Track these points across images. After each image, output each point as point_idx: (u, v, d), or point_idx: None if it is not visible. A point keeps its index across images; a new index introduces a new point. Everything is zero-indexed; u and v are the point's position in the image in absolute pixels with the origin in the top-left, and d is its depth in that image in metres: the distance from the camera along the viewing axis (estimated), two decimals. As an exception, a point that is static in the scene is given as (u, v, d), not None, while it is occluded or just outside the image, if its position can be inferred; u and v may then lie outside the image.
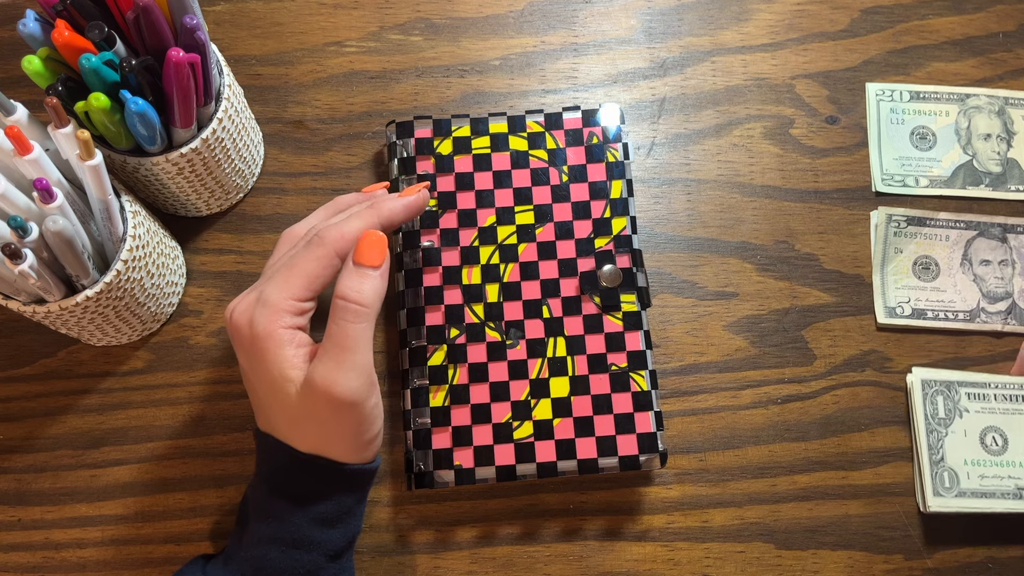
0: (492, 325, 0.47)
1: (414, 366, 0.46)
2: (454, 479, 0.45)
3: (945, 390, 0.48)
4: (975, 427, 0.48)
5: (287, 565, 0.37)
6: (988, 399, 0.48)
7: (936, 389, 0.48)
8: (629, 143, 0.50)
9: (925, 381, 0.49)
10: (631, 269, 0.48)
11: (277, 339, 0.37)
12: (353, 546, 0.40)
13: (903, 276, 0.51)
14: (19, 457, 0.47)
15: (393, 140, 0.50)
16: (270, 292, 0.37)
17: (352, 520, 0.39)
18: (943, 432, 0.47)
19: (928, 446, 0.47)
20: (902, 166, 0.53)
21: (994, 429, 0.48)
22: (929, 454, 0.47)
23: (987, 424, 0.48)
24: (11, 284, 0.39)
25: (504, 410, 0.46)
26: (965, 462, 0.47)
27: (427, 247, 0.48)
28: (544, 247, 0.48)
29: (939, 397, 0.48)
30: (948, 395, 0.48)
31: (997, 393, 0.49)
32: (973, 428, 0.48)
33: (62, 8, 0.38)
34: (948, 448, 0.47)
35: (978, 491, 0.46)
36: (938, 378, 0.49)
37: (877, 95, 0.54)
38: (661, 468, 0.47)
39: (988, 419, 0.48)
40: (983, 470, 0.47)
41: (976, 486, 0.47)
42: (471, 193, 0.49)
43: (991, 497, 0.46)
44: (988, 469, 0.47)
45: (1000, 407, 0.48)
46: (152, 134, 0.41)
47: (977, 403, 0.48)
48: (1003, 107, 0.54)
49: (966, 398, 0.48)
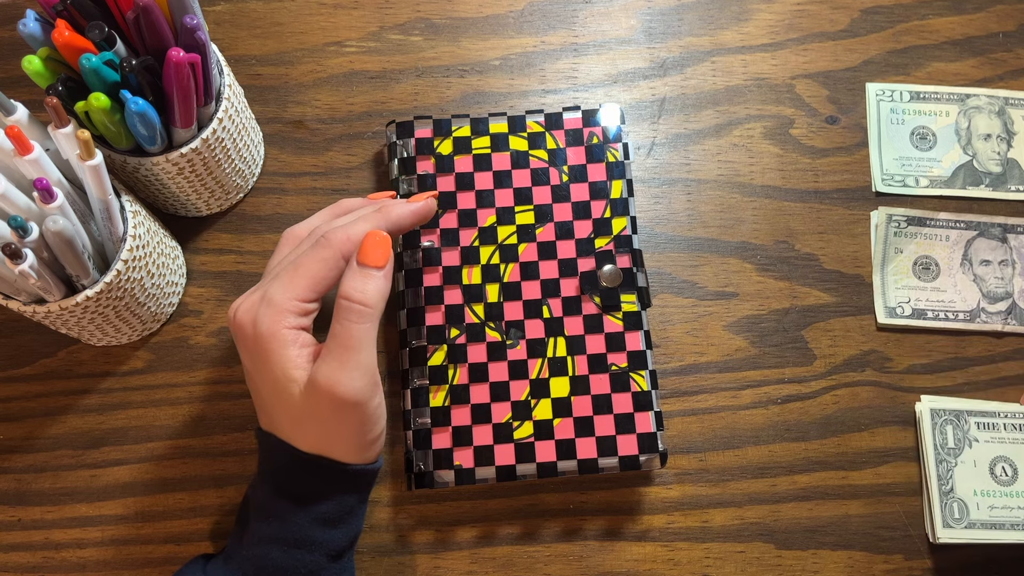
0: (492, 325, 0.47)
1: (414, 366, 0.46)
2: (454, 479, 0.45)
3: (954, 419, 0.48)
4: (985, 457, 0.48)
5: (288, 565, 0.37)
6: (998, 428, 0.48)
7: (945, 419, 0.48)
8: (629, 143, 0.50)
9: (934, 411, 0.48)
10: (631, 269, 0.48)
11: (281, 339, 0.37)
12: (354, 546, 0.40)
13: (903, 276, 0.51)
14: (19, 457, 0.47)
15: (393, 140, 0.50)
16: (274, 292, 0.37)
17: (354, 520, 0.39)
18: (952, 462, 0.47)
19: (938, 476, 0.47)
20: (902, 166, 0.53)
21: (1004, 459, 0.47)
22: (939, 484, 0.47)
23: (997, 454, 0.48)
24: (11, 284, 0.39)
25: (504, 410, 0.46)
26: (975, 492, 0.47)
27: (427, 247, 0.48)
28: (544, 247, 0.48)
29: (948, 427, 0.48)
30: (957, 424, 0.48)
31: (1007, 423, 0.48)
32: (983, 458, 0.48)
33: (62, 8, 0.38)
34: (958, 479, 0.47)
35: (988, 522, 0.46)
36: (947, 407, 0.48)
37: (877, 95, 0.54)
38: (661, 468, 0.47)
39: (998, 449, 0.48)
40: (993, 500, 0.47)
41: (986, 517, 0.46)
42: (471, 193, 0.49)
43: (1001, 528, 0.46)
44: (998, 500, 0.47)
45: (1010, 436, 0.48)
46: (152, 134, 0.41)
47: (987, 432, 0.48)
48: (1003, 107, 0.54)
49: (975, 427, 0.48)
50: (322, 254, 0.38)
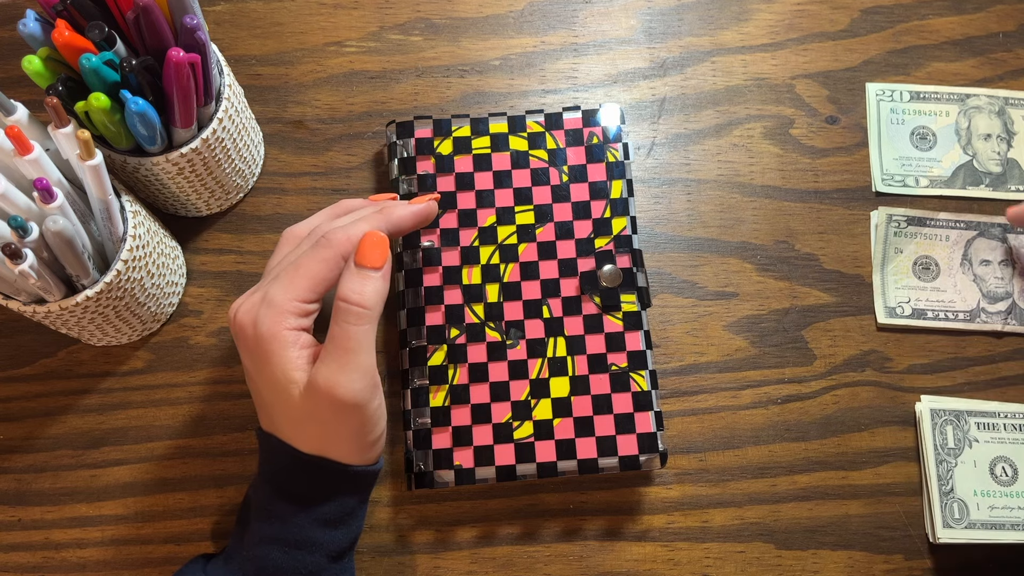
0: (492, 325, 0.47)
1: (414, 366, 0.46)
2: (454, 479, 0.45)
3: (954, 420, 0.48)
4: (985, 457, 0.48)
5: (289, 565, 0.37)
6: (998, 429, 0.48)
7: (946, 419, 0.48)
8: (629, 143, 0.50)
9: (934, 411, 0.48)
10: (631, 269, 0.48)
11: (281, 340, 0.37)
12: (355, 547, 0.40)
13: (903, 276, 0.51)
14: (19, 457, 0.47)
15: (393, 140, 0.50)
16: (275, 293, 0.37)
17: (354, 521, 0.39)
18: (952, 463, 0.47)
19: (938, 476, 0.47)
20: (902, 166, 0.53)
21: (1004, 459, 0.47)
22: (939, 485, 0.47)
23: (997, 454, 0.48)
24: (11, 284, 0.39)
25: (504, 410, 0.46)
26: (975, 493, 0.47)
27: (427, 247, 0.48)
28: (544, 247, 0.48)
29: (948, 427, 0.48)
30: (957, 425, 0.48)
31: (1007, 423, 0.48)
32: (983, 458, 0.48)
33: (62, 8, 0.38)
34: (958, 479, 0.47)
35: (988, 522, 0.46)
36: (947, 407, 0.48)
37: (877, 95, 0.54)
38: (661, 468, 0.47)
39: (998, 449, 0.48)
40: (993, 501, 0.47)
41: (986, 517, 0.46)
42: (471, 193, 0.49)
43: (1001, 528, 0.46)
44: (998, 500, 0.47)
45: (1010, 437, 0.48)
46: (152, 134, 0.41)
47: (987, 433, 0.48)
48: (1003, 107, 0.54)
49: (975, 428, 0.48)
50: (322, 254, 0.38)
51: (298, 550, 0.37)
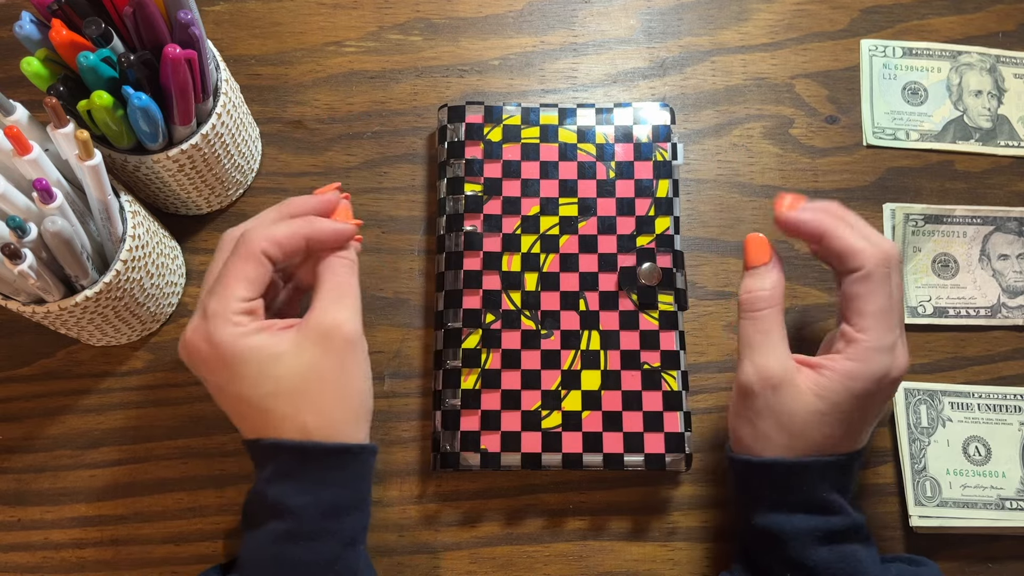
0: (528, 313, 0.47)
1: (448, 347, 0.46)
2: (479, 462, 0.45)
3: (928, 399, 0.48)
4: (958, 437, 0.48)
5: (307, 558, 0.37)
6: (971, 408, 0.48)
7: (919, 398, 0.48)
8: (679, 144, 0.50)
9: (908, 390, 0.48)
10: (671, 269, 0.48)
11: (241, 336, 0.37)
12: (366, 533, 0.40)
13: (923, 274, 0.51)
14: (19, 457, 0.47)
15: (444, 124, 0.50)
16: (215, 304, 0.38)
17: (362, 505, 0.39)
18: (925, 441, 0.47)
19: (911, 455, 0.47)
20: (893, 120, 0.53)
21: (977, 439, 0.47)
22: (911, 463, 0.47)
23: (970, 434, 0.48)
24: (11, 284, 0.40)
25: (534, 398, 0.46)
26: (947, 471, 0.47)
27: (470, 231, 0.48)
28: (585, 240, 0.48)
29: (922, 406, 0.48)
30: (931, 404, 0.48)
31: (980, 403, 0.48)
32: (956, 438, 0.48)
33: (57, 8, 0.38)
34: (931, 457, 0.47)
35: (960, 501, 0.46)
36: (921, 387, 0.49)
37: (870, 50, 0.55)
38: (687, 471, 0.47)
39: (971, 429, 0.48)
40: (965, 480, 0.47)
41: (958, 496, 0.46)
42: (517, 181, 0.49)
43: (973, 507, 0.46)
44: (971, 479, 0.47)
45: (983, 417, 0.48)
46: (155, 130, 0.41)
47: (960, 412, 0.48)
48: (994, 64, 0.55)
49: (949, 407, 0.48)
50: (243, 254, 0.39)
51: (312, 541, 0.37)
